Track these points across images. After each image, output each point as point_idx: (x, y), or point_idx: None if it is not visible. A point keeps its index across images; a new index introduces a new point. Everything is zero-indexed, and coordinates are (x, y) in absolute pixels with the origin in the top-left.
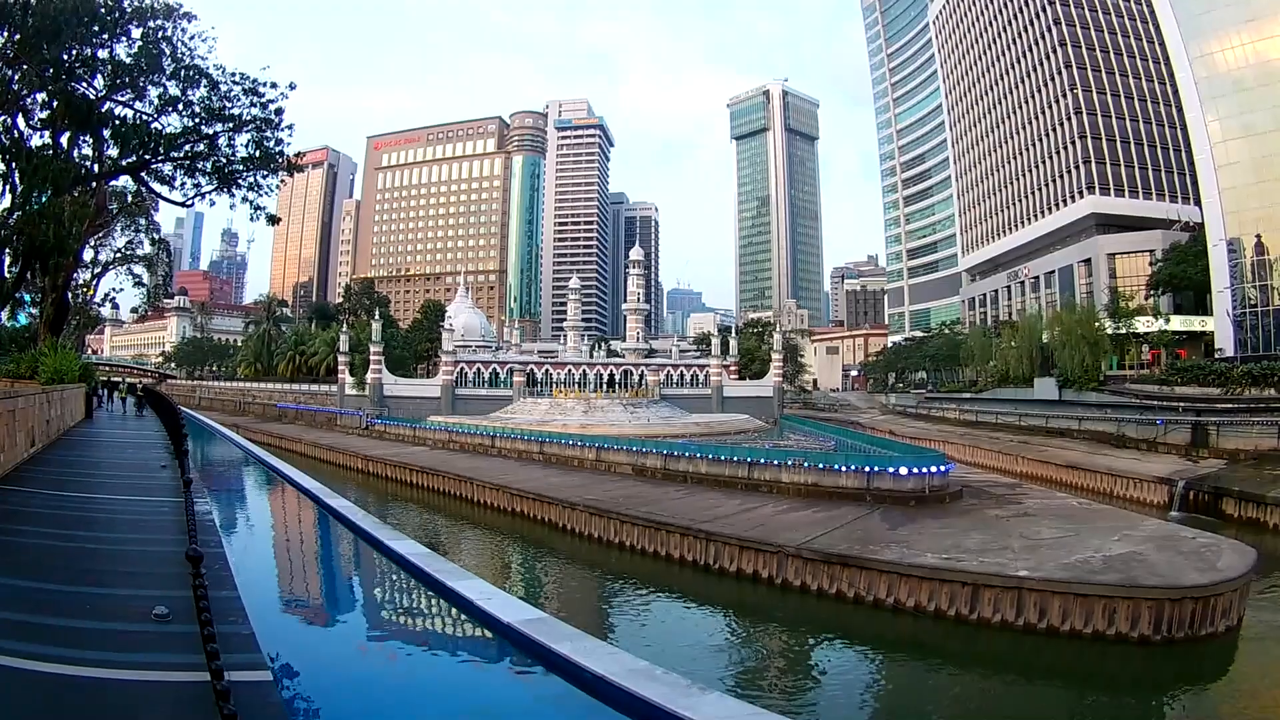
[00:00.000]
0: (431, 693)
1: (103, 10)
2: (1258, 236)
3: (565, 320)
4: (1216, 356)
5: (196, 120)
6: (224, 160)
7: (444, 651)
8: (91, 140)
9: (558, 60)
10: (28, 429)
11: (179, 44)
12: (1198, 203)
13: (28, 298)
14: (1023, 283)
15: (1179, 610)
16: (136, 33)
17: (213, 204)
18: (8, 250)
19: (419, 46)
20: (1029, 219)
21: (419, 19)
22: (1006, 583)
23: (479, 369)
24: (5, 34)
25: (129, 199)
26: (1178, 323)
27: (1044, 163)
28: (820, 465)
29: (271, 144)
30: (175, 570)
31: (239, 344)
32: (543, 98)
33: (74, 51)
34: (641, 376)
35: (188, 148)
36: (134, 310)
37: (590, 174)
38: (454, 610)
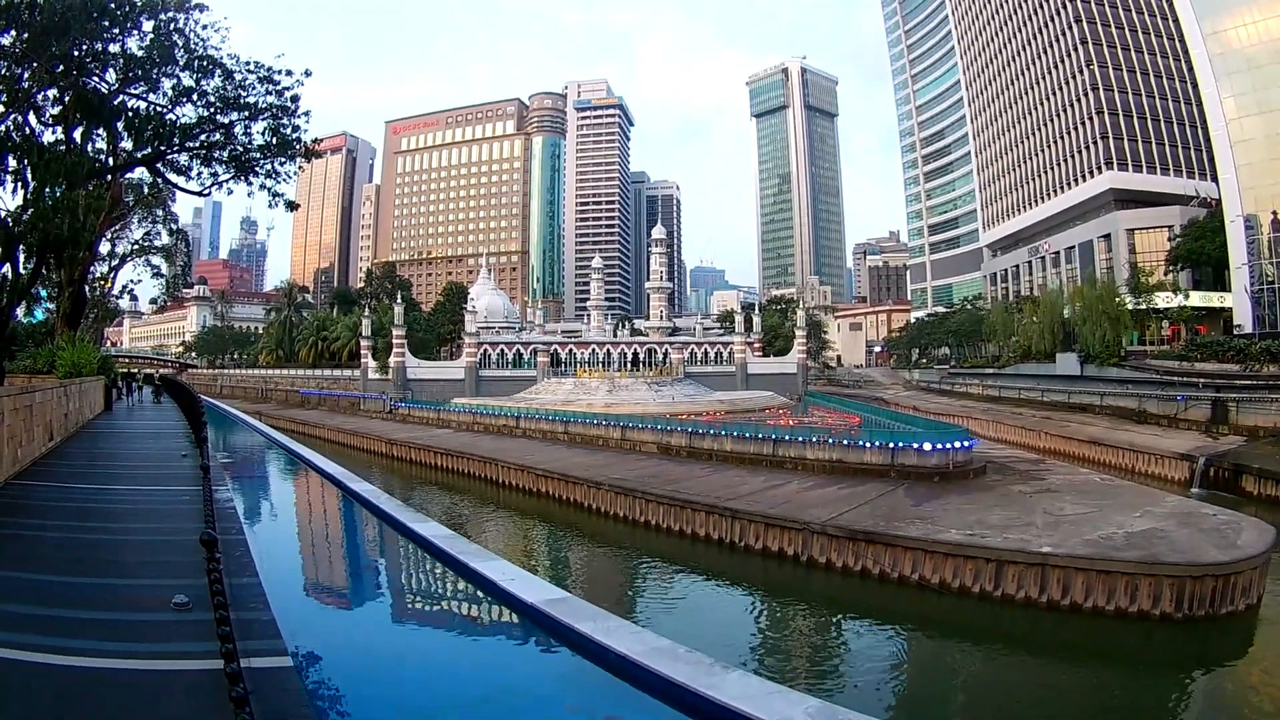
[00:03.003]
0: (455, 674)
1: (112, 5)
2: (1274, 213)
3: (588, 300)
4: (1235, 333)
5: (212, 110)
6: (240, 148)
7: (467, 633)
8: (105, 134)
9: (574, 43)
10: (45, 423)
11: (191, 35)
12: (1215, 179)
13: (44, 293)
14: (1044, 258)
15: (1200, 587)
16: (148, 25)
17: (230, 193)
18: (21, 246)
19: (434, 33)
20: (1049, 194)
21: (434, 5)
22: (1030, 559)
23: (502, 350)
24: (13, 33)
25: (145, 191)
26: (1197, 298)
27: (1062, 138)
28: (845, 442)
29: (288, 131)
30: (195, 559)
31: (260, 331)
32: (560, 80)
33: (84, 47)
34: (666, 355)
35: (203, 137)
36: (153, 301)
37: (611, 154)
38: (478, 592)
